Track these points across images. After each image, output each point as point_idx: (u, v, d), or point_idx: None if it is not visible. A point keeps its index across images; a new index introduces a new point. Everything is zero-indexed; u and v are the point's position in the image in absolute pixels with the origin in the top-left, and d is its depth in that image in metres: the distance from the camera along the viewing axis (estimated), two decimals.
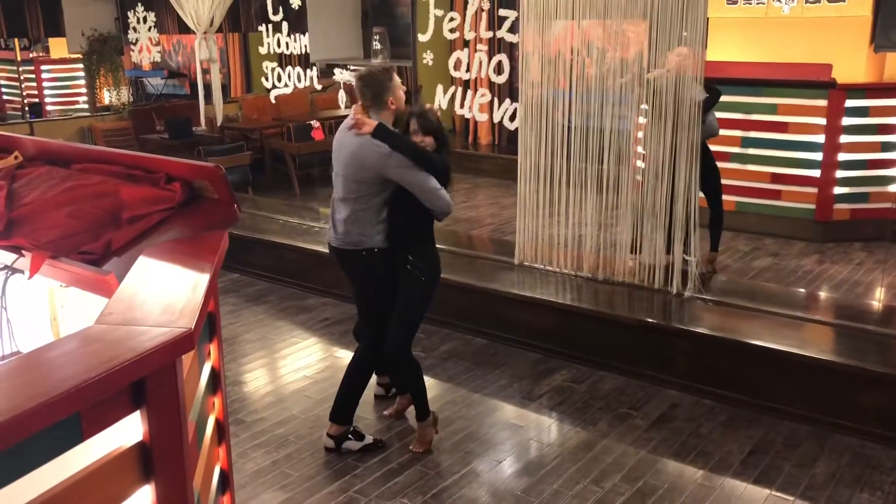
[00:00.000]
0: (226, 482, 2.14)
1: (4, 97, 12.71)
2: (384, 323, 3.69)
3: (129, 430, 1.40)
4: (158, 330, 1.42)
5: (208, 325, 1.96)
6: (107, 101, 11.58)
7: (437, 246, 3.80)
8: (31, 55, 12.67)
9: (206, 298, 1.62)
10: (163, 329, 1.42)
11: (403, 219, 3.60)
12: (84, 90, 11.91)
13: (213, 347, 2.04)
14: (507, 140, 9.97)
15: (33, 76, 12.01)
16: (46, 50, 12.80)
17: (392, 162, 3.42)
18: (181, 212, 2.19)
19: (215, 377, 2.05)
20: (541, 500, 3.41)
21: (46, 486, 1.23)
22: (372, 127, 3.43)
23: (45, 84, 11.99)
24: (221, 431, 2.10)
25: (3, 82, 12.78)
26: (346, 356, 4.81)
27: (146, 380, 1.37)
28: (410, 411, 4.12)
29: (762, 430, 3.95)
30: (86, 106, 11.88)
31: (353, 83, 3.71)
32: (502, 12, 5.48)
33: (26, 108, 11.66)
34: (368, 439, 3.81)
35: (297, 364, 4.81)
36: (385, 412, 4.15)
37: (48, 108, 11.94)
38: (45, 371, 1.28)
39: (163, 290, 1.64)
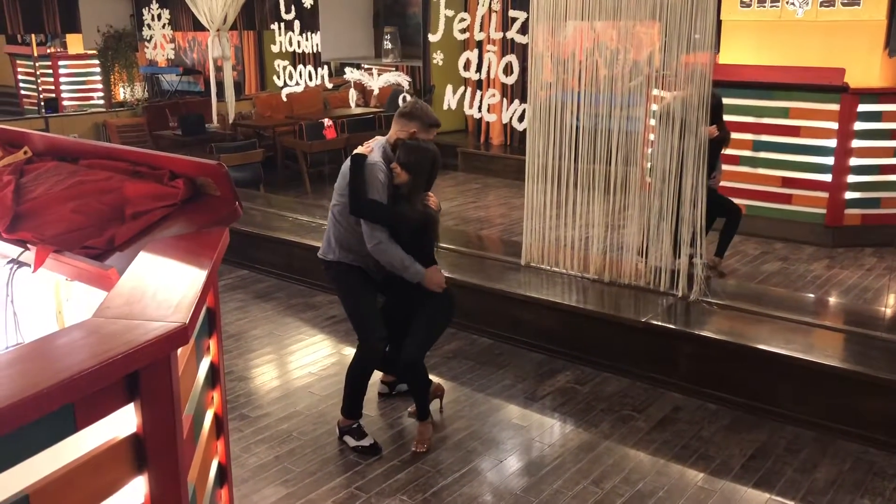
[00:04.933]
0: (224, 476, 2.17)
1: (21, 92, 12.83)
2: (371, 328, 3.78)
3: (123, 421, 1.43)
4: (154, 324, 1.45)
5: (207, 320, 1.99)
6: (121, 98, 11.67)
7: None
8: (48, 50, 12.78)
9: (202, 293, 1.65)
10: (158, 323, 1.45)
11: (406, 245, 3.67)
12: (100, 86, 12.01)
13: (212, 342, 2.07)
14: (519, 141, 9.97)
15: (50, 71, 12.11)
16: (64, 45, 12.90)
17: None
18: (184, 208, 2.22)
19: (214, 372, 2.07)
20: (540, 500, 3.42)
21: (39, 475, 1.26)
22: (365, 149, 3.68)
23: (61, 79, 12.08)
24: (220, 426, 2.12)
25: (20, 77, 12.89)
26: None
27: (140, 373, 1.39)
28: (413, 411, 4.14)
29: (764, 435, 3.95)
30: (101, 102, 11.97)
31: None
32: (513, 13, 5.49)
33: (42, 103, 11.76)
34: (366, 441, 3.82)
35: (304, 361, 4.85)
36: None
37: (64, 103, 12.03)
38: (40, 362, 1.31)
39: (160, 285, 1.66)
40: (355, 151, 3.68)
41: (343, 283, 3.86)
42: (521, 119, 5.53)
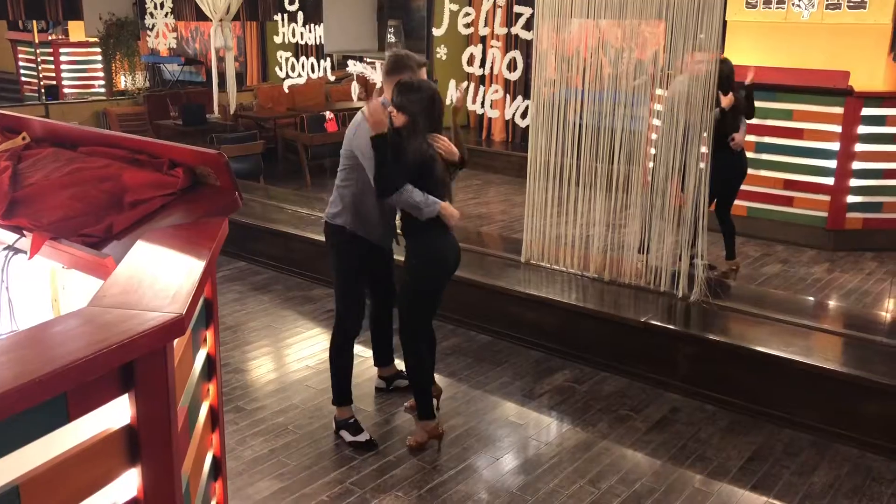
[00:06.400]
0: (218, 469, 2.14)
1: (22, 78, 12.77)
2: (354, 302, 3.79)
3: (117, 412, 1.40)
4: (150, 314, 1.42)
5: (204, 311, 1.96)
6: (123, 86, 11.62)
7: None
8: (49, 37, 12.73)
9: (200, 284, 1.62)
10: (154, 313, 1.42)
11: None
12: (101, 74, 11.96)
13: (209, 334, 2.04)
14: (521, 138, 9.95)
15: (51, 58, 12.06)
16: (65, 33, 12.85)
17: (356, 139, 3.58)
18: (183, 197, 2.19)
19: (211, 364, 2.05)
20: (536, 499, 3.40)
21: (30, 465, 1.23)
22: (379, 126, 3.34)
23: (62, 67, 12.03)
24: (215, 418, 2.10)
25: (21, 64, 12.84)
26: None
27: (135, 363, 1.37)
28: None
29: (762, 437, 3.93)
30: (102, 90, 11.92)
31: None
32: (518, 9, 5.45)
33: (42, 90, 11.70)
34: (362, 437, 3.79)
35: (300, 354, 4.82)
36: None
37: (65, 90, 11.98)
38: (33, 350, 1.28)
39: (158, 275, 1.64)
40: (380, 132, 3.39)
41: (341, 255, 3.77)
42: (523, 116, 5.50)
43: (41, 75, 12.04)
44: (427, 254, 3.58)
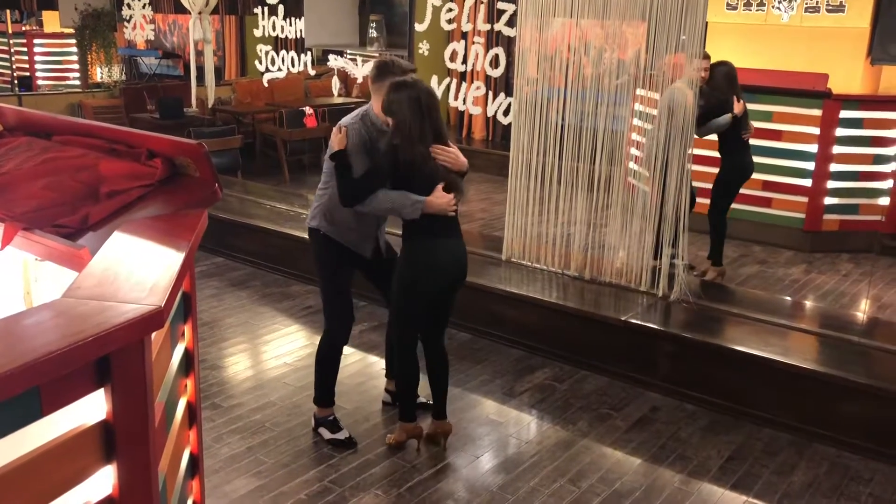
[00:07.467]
0: (195, 466, 2.09)
1: None
2: (338, 309, 3.73)
3: (92, 408, 1.36)
4: (127, 306, 1.37)
5: (183, 305, 1.92)
6: (99, 78, 11.44)
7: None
8: (23, 28, 12.50)
9: (179, 277, 1.58)
10: (131, 305, 1.38)
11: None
12: (76, 66, 11.77)
13: (187, 328, 1.99)
14: (501, 136, 9.93)
15: (25, 49, 11.85)
16: (39, 24, 12.62)
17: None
18: (161, 188, 2.14)
19: (189, 359, 2.00)
20: (517, 497, 3.38)
21: (1, 462, 1.19)
22: (340, 145, 3.42)
23: (36, 58, 11.82)
24: (193, 415, 2.05)
25: None
26: None
27: (111, 357, 1.32)
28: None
29: (742, 437, 3.94)
30: (77, 82, 11.74)
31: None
32: (501, 5, 5.42)
33: (16, 82, 11.50)
34: (341, 434, 3.73)
35: (278, 351, 4.77)
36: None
37: (39, 82, 11.78)
38: (4, 342, 1.23)
39: (135, 267, 1.59)
40: (335, 150, 3.44)
41: (321, 256, 3.71)
42: (506, 113, 5.48)
43: (14, 66, 11.83)
44: (418, 259, 3.48)
